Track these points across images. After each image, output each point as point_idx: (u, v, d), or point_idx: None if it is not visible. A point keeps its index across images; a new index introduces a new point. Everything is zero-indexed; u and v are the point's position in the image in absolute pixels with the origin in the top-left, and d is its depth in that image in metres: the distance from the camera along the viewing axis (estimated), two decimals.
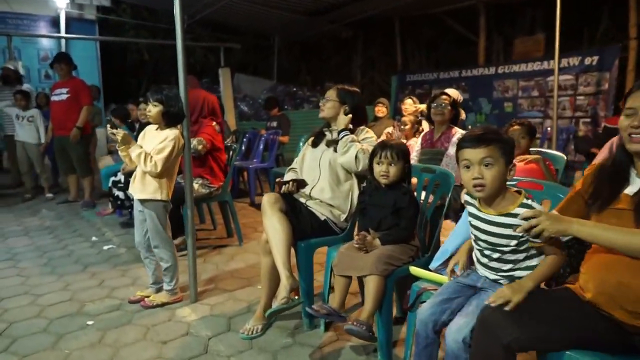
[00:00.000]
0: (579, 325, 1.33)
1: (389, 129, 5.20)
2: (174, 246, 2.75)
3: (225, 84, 8.19)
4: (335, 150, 2.51)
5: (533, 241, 1.43)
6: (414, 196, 2.09)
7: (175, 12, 2.47)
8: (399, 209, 2.05)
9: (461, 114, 4.58)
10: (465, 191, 1.64)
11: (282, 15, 8.79)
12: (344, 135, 2.44)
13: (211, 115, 3.89)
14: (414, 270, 1.92)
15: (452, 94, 4.65)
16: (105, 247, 3.84)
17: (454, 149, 3.18)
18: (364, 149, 2.39)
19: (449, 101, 3.26)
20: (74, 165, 5.35)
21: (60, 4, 8.17)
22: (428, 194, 2.33)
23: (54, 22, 8.74)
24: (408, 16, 9.28)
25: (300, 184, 2.54)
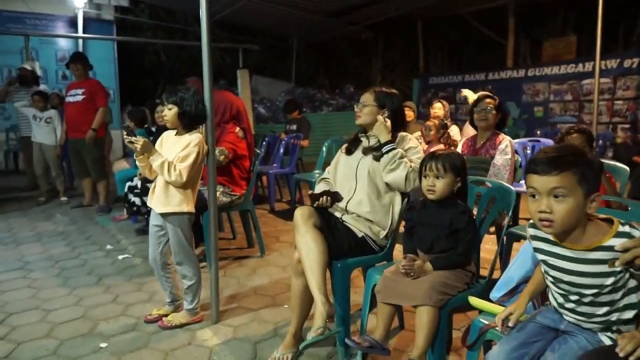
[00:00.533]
0: None
1: (417, 134, 4.93)
2: (197, 262, 2.53)
3: (244, 85, 8.00)
4: (376, 159, 2.25)
5: (637, 273, 1.18)
6: (473, 216, 1.82)
7: (202, 12, 2.26)
8: (455, 231, 1.78)
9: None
10: (531, 222, 1.36)
11: (301, 16, 8.58)
12: (390, 149, 2.18)
13: (234, 120, 3.66)
14: (474, 301, 1.65)
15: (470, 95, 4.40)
16: (120, 257, 3.64)
17: (502, 158, 2.95)
18: (413, 167, 2.13)
19: (494, 105, 2.98)
20: (88, 169, 5.19)
21: (78, 3, 8.08)
22: (481, 210, 2.07)
23: (72, 23, 8.66)
24: (431, 17, 9.00)
25: (334, 196, 2.29)
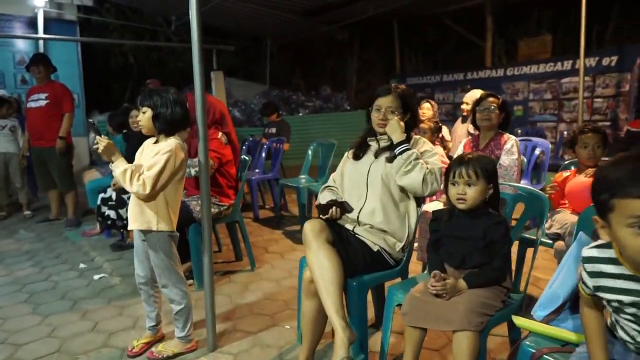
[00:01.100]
0: None
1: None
2: (186, 284, 2.26)
3: (218, 88, 7.67)
4: (389, 161, 2.06)
5: None
6: (509, 227, 1.65)
7: (192, 11, 2.01)
8: (490, 243, 1.61)
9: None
10: (592, 245, 1.18)
11: (276, 16, 8.35)
12: (403, 150, 1.99)
13: (216, 125, 3.40)
14: (521, 322, 1.48)
15: (472, 98, 4.30)
16: (95, 277, 3.31)
17: (509, 158, 2.82)
18: (430, 169, 1.95)
19: (497, 104, 2.86)
20: (54, 180, 4.78)
21: (38, 2, 7.56)
22: (507, 218, 1.90)
23: (31, 24, 8.09)
24: (407, 17, 8.94)
25: (343, 206, 2.08)
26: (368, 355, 1.97)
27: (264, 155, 5.42)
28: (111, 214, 3.83)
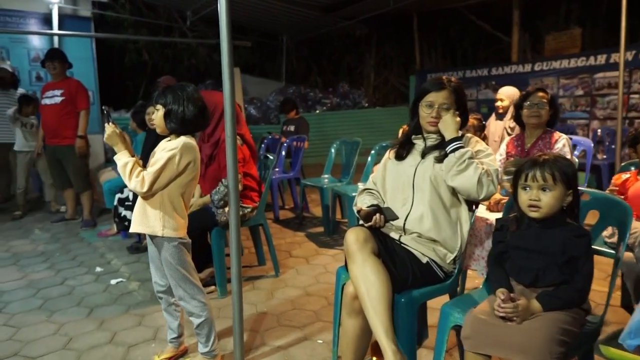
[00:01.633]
0: None
1: None
2: (205, 294, 2.08)
3: (236, 85, 7.50)
4: (438, 161, 1.85)
5: None
6: (590, 241, 1.42)
7: (220, 7, 1.81)
8: (570, 259, 1.39)
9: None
10: None
11: (293, 11, 8.14)
12: (456, 147, 1.77)
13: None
14: (612, 353, 1.26)
15: (508, 94, 4.05)
16: (113, 282, 3.16)
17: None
18: (487, 170, 1.73)
19: (547, 99, 2.62)
20: (69, 179, 4.65)
21: None
22: None
23: (46, 20, 8.01)
24: (427, 12, 8.67)
25: (385, 213, 1.87)
26: None
27: (283, 153, 5.22)
28: (128, 214, 3.69)
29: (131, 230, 2.01)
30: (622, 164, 2.52)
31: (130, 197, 3.69)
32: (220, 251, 2.88)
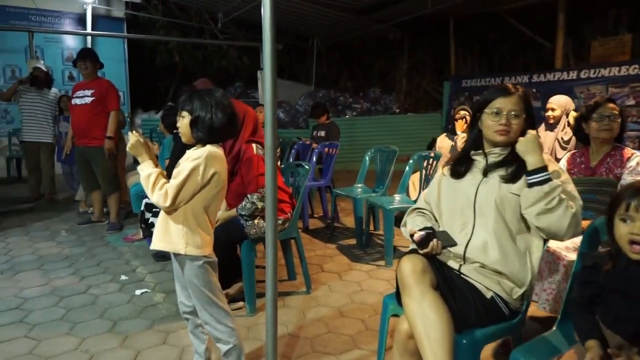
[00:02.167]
0: None
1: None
2: (233, 318, 1.89)
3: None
4: (505, 181, 1.61)
5: None
6: None
7: (264, 9, 1.64)
8: None
9: None
10: None
11: (325, 14, 7.98)
12: (544, 179, 1.51)
13: (251, 136, 2.82)
14: None
15: (560, 103, 3.76)
16: (137, 292, 3.02)
17: (636, 179, 2.31)
18: (575, 210, 1.49)
19: (618, 111, 2.34)
20: (97, 181, 4.57)
21: None
22: None
23: (80, 20, 8.11)
24: (464, 15, 8.36)
25: (441, 238, 1.64)
26: None
27: (314, 160, 5.03)
28: (155, 221, 3.54)
29: (152, 247, 1.84)
30: None
31: None
32: (250, 266, 2.71)
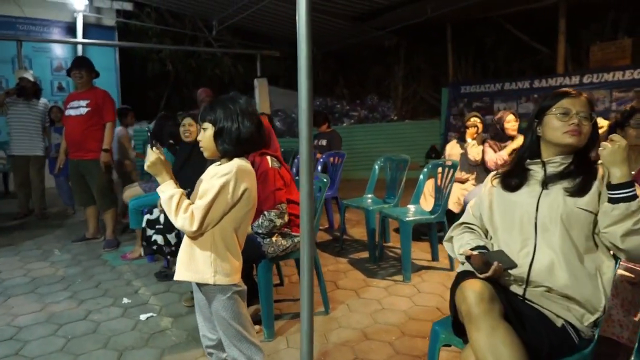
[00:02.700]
0: None
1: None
2: (263, 353, 1.69)
3: (262, 96, 7.19)
4: (571, 194, 1.46)
5: None
6: None
7: (299, 19, 1.48)
8: None
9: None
10: None
11: (322, 20, 7.85)
12: (631, 194, 1.36)
13: (265, 147, 2.64)
14: None
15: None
16: (142, 317, 2.79)
17: None
18: None
19: None
20: (92, 195, 4.33)
21: (78, 6, 7.28)
22: None
23: (69, 29, 7.87)
24: (461, 21, 8.30)
25: (499, 259, 1.47)
26: None
27: (319, 170, 4.86)
28: (158, 239, 3.32)
29: (176, 278, 1.63)
30: None
31: (162, 220, 3.33)
32: (267, 286, 2.51)
